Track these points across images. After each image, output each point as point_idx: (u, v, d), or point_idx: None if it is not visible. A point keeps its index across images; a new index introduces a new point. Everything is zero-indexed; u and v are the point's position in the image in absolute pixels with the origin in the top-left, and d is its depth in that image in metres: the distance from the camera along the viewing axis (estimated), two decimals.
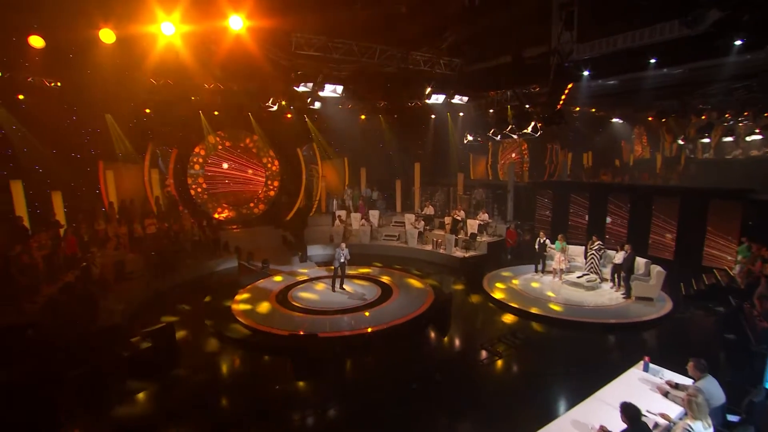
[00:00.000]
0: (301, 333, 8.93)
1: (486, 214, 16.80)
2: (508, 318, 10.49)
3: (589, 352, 8.73)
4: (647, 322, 9.92)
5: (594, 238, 12.49)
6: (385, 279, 13.50)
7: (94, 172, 15.14)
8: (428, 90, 13.80)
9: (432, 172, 20.07)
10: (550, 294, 11.65)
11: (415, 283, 13.05)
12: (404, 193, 20.12)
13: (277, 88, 15.47)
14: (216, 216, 19.57)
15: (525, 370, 8.11)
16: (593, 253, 12.31)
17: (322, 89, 13.02)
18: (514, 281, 12.77)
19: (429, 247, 16.55)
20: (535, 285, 12.44)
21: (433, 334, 9.79)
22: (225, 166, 19.80)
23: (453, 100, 14.56)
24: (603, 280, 12.16)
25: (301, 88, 13.20)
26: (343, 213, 18.40)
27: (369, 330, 9.60)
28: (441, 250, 16.03)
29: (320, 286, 12.78)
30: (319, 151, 21.29)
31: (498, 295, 11.51)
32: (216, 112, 18.31)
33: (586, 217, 15.27)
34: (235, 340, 9.09)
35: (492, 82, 14.73)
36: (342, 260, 11.88)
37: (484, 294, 11.96)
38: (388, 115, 20.44)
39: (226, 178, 19.96)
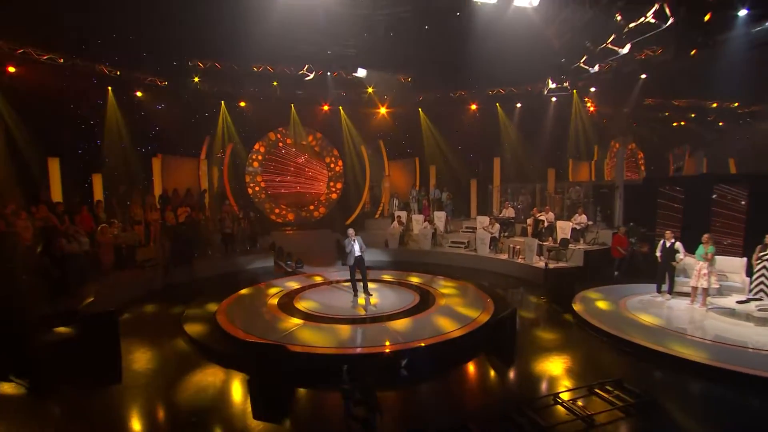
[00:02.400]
0: (262, 341, 6.36)
1: (584, 215, 12.68)
2: (611, 357, 6.63)
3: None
4: None
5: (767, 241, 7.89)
6: (427, 286, 10.41)
7: (147, 162, 14.83)
8: None
9: (516, 169, 16.36)
10: (688, 327, 7.42)
11: (468, 293, 9.71)
12: (480, 195, 16.70)
13: None
14: (273, 218, 18.35)
15: None
16: (765, 265, 7.72)
17: None
18: (625, 304, 8.66)
19: (504, 256, 12.92)
20: (658, 312, 8.23)
21: (485, 367, 6.46)
22: (284, 164, 18.64)
23: None
24: None
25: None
26: (403, 214, 15.69)
27: (386, 349, 6.63)
28: (519, 260, 12.32)
29: (340, 291, 10.19)
30: (386, 150, 19.09)
31: (596, 321, 7.64)
32: (273, 104, 17.21)
33: (744, 218, 10.32)
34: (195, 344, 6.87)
35: None
36: (357, 253, 9.12)
37: (575, 317, 8.17)
38: (465, 105, 17.52)
39: (286, 178, 18.74)
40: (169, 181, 15.49)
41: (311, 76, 13.96)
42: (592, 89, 14.31)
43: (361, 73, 13.40)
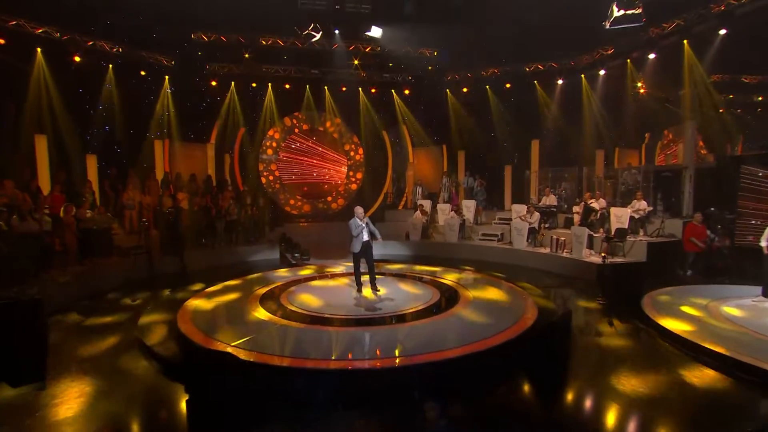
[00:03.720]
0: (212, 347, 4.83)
1: (644, 201, 10.54)
2: (726, 388, 4.64)
3: None
4: None
5: None
6: (450, 280, 8.66)
7: (149, 147, 13.82)
8: None
9: (556, 152, 14.24)
10: None
11: (504, 289, 7.89)
12: (515, 183, 14.69)
13: None
14: (288, 209, 17.03)
15: None
16: None
17: None
18: (728, 309, 6.59)
19: (545, 250, 10.96)
20: None
21: (531, 388, 4.66)
22: (300, 152, 17.28)
23: None
24: None
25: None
26: (426, 203, 13.94)
27: (397, 360, 4.95)
28: (564, 253, 10.34)
29: (341, 281, 8.63)
30: (410, 136, 17.41)
31: (688, 333, 5.63)
32: (287, 85, 15.88)
33: None
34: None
35: None
36: (365, 237, 7.47)
37: (648, 326, 6.22)
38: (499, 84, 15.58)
39: (302, 166, 17.39)
40: (178, 168, 14.46)
41: (317, 36, 12.46)
42: (651, 56, 12.04)
43: (376, 32, 11.80)
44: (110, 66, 12.88)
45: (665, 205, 11.34)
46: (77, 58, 11.78)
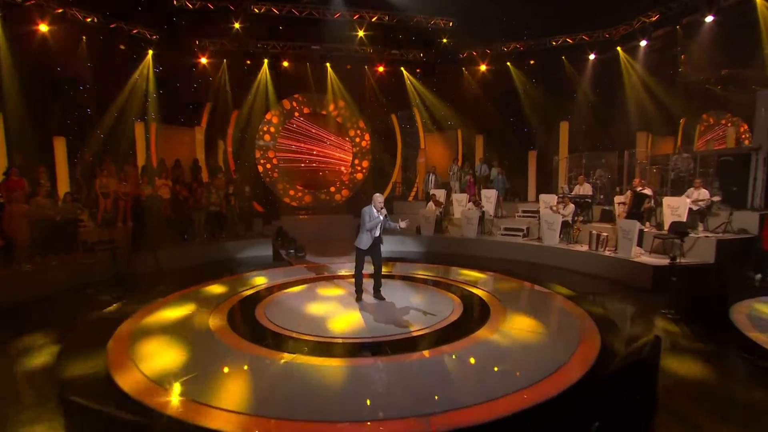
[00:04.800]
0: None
1: (705, 190, 8.79)
2: None
3: None
4: None
5: None
6: (474, 285, 7.05)
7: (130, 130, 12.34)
8: None
9: (589, 135, 12.45)
10: None
11: (545, 299, 6.30)
12: (541, 171, 12.95)
13: None
14: (287, 200, 15.53)
15: None
16: None
17: None
18: None
19: (583, 248, 9.29)
20: None
21: None
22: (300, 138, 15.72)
23: None
24: None
25: None
26: (440, 193, 12.32)
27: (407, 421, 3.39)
28: (606, 252, 8.67)
29: (337, 291, 7.02)
30: (421, 120, 15.75)
31: None
32: (285, 63, 14.31)
33: None
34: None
35: None
36: (377, 233, 5.98)
37: (754, 351, 4.55)
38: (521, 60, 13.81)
39: (303, 154, 15.84)
40: (165, 154, 13.01)
41: None
42: (709, 18, 10.16)
43: None
44: (83, 38, 11.42)
45: (724, 195, 9.55)
46: (43, 27, 10.33)
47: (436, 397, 3.51)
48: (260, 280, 7.82)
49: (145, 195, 9.76)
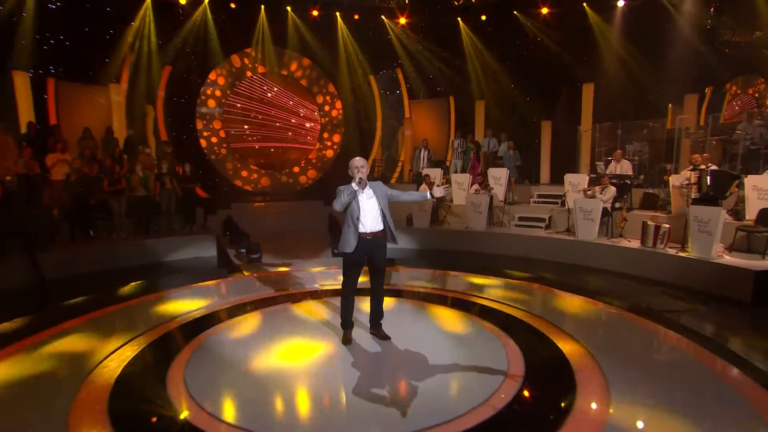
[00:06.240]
0: None
1: None
2: None
3: None
4: None
5: None
6: (525, 308, 4.46)
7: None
8: None
9: (621, 100, 9.95)
10: None
11: (635, 328, 3.85)
12: (558, 145, 10.44)
13: None
14: (239, 183, 12.45)
15: None
16: None
17: None
18: None
19: (631, 243, 6.90)
20: None
21: None
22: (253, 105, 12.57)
23: None
24: None
25: None
26: (434, 173, 9.64)
27: None
28: (667, 249, 6.31)
29: (311, 318, 4.26)
30: (406, 84, 12.93)
31: None
32: (233, 5, 11.06)
33: None
34: None
35: None
36: (368, 227, 3.66)
37: None
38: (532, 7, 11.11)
39: (259, 124, 12.73)
40: (69, 121, 9.66)
41: None
42: None
43: None
44: None
45: None
46: None
47: None
48: (190, 305, 4.91)
49: (10, 175, 6.55)
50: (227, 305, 4.92)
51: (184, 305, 4.89)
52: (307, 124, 13.20)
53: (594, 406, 2.80)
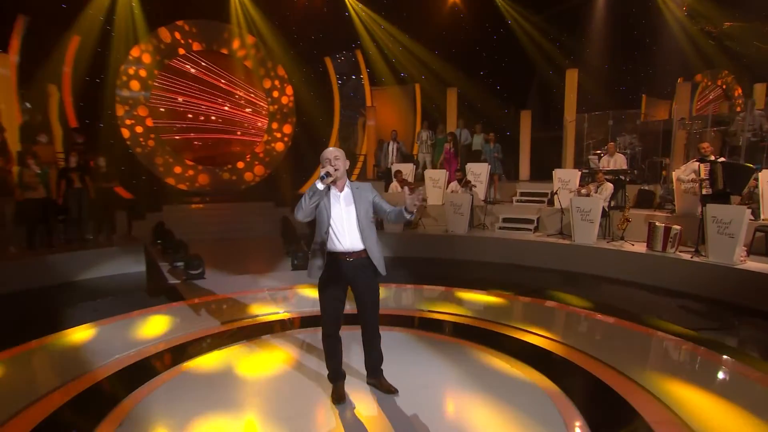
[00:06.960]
0: None
1: None
2: None
3: None
4: None
5: None
6: (552, 339, 3.34)
7: None
8: None
9: (605, 88, 9.05)
10: None
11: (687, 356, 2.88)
12: (538, 139, 9.45)
13: None
14: (172, 181, 10.51)
15: None
16: None
17: None
18: None
19: (635, 247, 5.99)
20: None
21: None
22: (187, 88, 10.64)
23: None
24: None
25: None
26: (406, 168, 8.36)
27: None
28: (678, 253, 5.44)
29: (283, 367, 2.85)
30: (366, 69, 11.52)
31: None
32: None
33: None
34: None
35: None
36: (345, 245, 2.50)
37: None
38: None
39: (194, 113, 10.82)
40: None
41: None
42: None
43: None
44: None
45: None
46: None
47: None
48: (99, 351, 3.28)
49: None
50: (153, 350, 3.36)
51: (90, 352, 3.24)
52: (253, 113, 11.43)
53: None
